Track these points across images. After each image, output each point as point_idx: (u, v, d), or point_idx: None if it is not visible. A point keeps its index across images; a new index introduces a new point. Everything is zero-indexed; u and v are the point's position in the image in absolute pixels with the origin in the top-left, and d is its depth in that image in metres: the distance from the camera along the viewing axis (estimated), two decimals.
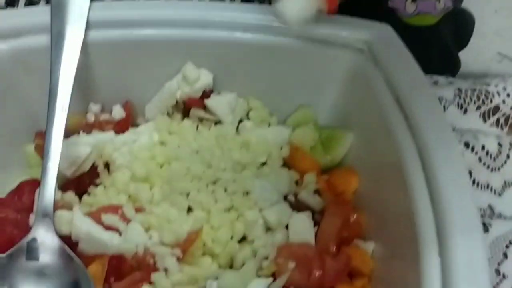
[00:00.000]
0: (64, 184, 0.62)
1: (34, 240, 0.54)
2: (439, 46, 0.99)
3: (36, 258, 0.53)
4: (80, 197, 0.62)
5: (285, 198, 0.62)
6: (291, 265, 0.54)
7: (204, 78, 0.67)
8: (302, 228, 0.58)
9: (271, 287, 0.53)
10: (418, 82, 0.59)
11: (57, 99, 0.58)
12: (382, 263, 0.57)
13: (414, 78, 0.60)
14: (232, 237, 0.58)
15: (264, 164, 0.65)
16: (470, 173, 0.74)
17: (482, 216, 0.71)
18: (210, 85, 0.68)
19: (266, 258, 0.56)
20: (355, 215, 0.60)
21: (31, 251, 0.53)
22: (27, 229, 0.55)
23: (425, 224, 0.49)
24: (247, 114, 0.70)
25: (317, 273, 0.53)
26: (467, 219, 0.48)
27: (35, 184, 0.60)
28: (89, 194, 0.62)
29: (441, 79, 0.86)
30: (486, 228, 0.69)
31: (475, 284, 0.44)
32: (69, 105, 0.59)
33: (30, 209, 0.59)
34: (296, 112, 0.70)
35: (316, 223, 0.59)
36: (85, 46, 0.63)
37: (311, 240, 0.58)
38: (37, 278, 0.52)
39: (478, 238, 0.47)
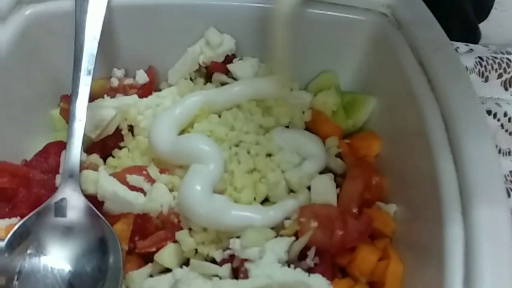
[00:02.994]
0: (89, 147, 0.63)
1: (62, 199, 0.55)
2: (460, 16, 0.98)
3: (64, 215, 0.54)
4: (104, 160, 0.63)
5: None
6: (314, 224, 0.54)
7: (227, 43, 0.67)
8: (325, 189, 0.58)
9: (294, 246, 0.54)
10: (441, 45, 0.59)
11: (82, 62, 0.59)
12: (404, 225, 0.57)
13: (438, 41, 0.59)
14: (255, 198, 0.59)
15: (286, 128, 0.65)
16: None
17: None
18: (232, 50, 0.68)
19: (288, 218, 0.56)
20: (377, 178, 0.61)
21: (59, 209, 0.54)
22: (54, 189, 0.57)
23: (449, 185, 0.49)
24: None
25: (340, 232, 0.54)
26: (490, 180, 0.48)
27: (61, 145, 0.61)
28: (113, 156, 0.63)
29: (462, 46, 0.85)
30: (507, 194, 0.69)
31: (498, 243, 0.44)
32: (94, 69, 0.60)
33: (56, 170, 0.60)
34: (318, 77, 0.70)
35: (338, 186, 0.60)
36: (109, 11, 0.63)
37: (333, 201, 0.58)
38: (64, 234, 0.53)
39: (501, 199, 0.47)
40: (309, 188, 0.59)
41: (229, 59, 0.68)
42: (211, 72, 0.69)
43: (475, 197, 0.47)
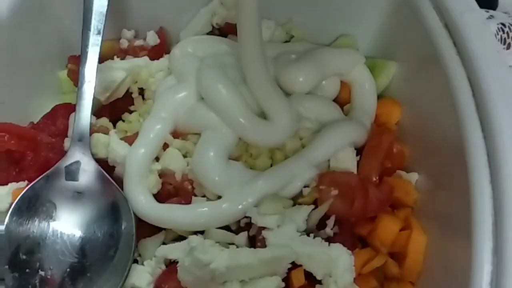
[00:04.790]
0: (98, 110, 0.61)
1: (73, 163, 0.53)
2: None
3: (76, 179, 0.52)
4: (114, 124, 0.61)
5: None
6: (334, 192, 0.52)
7: None
8: (344, 156, 0.56)
9: (312, 214, 0.52)
10: (468, 8, 0.56)
11: (92, 21, 0.57)
12: (426, 194, 0.55)
13: (464, 4, 0.56)
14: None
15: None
16: None
17: None
18: None
19: (307, 186, 0.54)
20: (398, 146, 0.58)
21: (70, 173, 0.52)
22: (62, 152, 0.55)
23: (476, 153, 0.47)
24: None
25: (360, 201, 0.52)
26: None
27: (69, 108, 0.59)
28: (123, 120, 0.61)
29: (481, 12, 0.81)
30: None
31: None
32: (104, 28, 0.57)
33: (64, 133, 0.58)
34: (336, 41, 0.67)
35: (358, 154, 0.58)
36: None
37: (353, 169, 0.56)
38: (75, 199, 0.52)
39: None
40: None
41: None
42: (225, 34, 0.66)
43: (505, 166, 0.45)
